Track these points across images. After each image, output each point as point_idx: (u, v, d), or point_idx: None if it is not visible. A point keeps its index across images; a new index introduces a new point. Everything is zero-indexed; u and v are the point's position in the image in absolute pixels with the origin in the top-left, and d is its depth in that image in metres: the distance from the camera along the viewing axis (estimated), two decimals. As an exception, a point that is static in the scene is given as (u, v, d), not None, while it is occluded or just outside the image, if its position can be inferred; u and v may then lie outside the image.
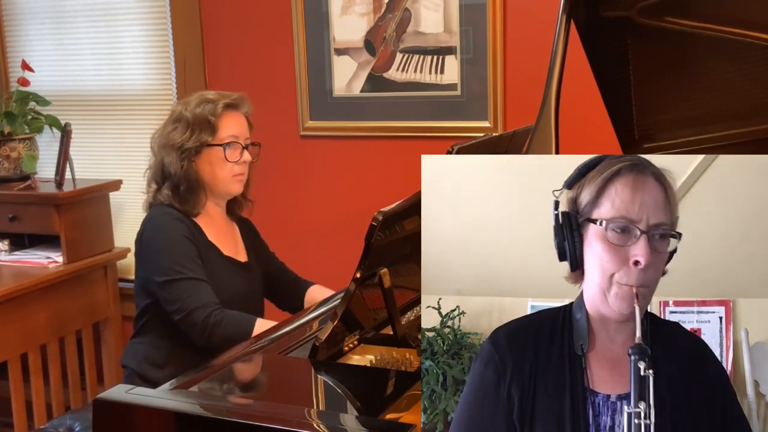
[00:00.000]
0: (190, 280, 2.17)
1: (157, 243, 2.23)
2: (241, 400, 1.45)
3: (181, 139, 2.25)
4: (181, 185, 2.26)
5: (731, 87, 1.75)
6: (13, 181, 3.39)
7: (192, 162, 2.26)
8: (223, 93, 2.35)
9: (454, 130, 2.95)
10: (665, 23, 1.69)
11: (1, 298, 2.94)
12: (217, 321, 2.11)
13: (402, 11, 3.00)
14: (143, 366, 2.27)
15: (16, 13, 3.69)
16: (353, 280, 1.62)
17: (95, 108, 3.63)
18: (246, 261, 2.40)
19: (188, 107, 2.28)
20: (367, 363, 1.69)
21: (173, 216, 2.25)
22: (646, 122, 1.85)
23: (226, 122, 2.28)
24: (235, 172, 2.29)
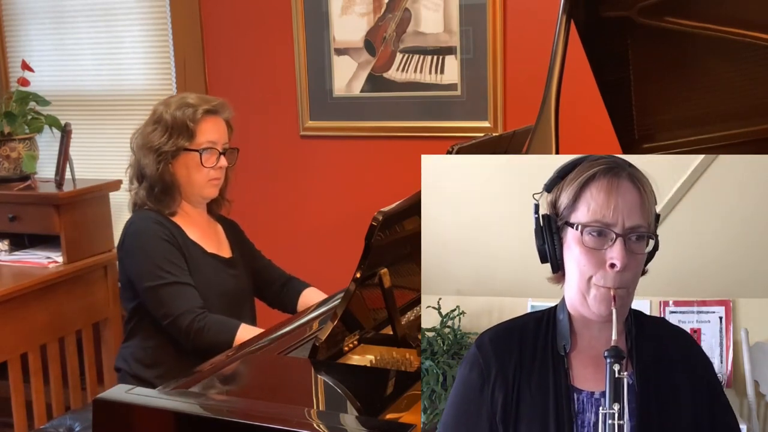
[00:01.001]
0: (173, 285, 2.18)
1: (138, 248, 2.23)
2: (241, 400, 1.45)
3: (159, 141, 2.25)
4: (156, 186, 2.27)
5: (731, 87, 1.75)
6: (13, 181, 3.38)
7: (168, 165, 2.27)
8: (204, 97, 2.36)
9: (454, 130, 2.95)
10: (665, 23, 1.69)
11: (1, 298, 2.94)
12: (200, 328, 2.12)
13: (402, 11, 3.00)
14: (134, 366, 2.28)
15: (16, 13, 3.69)
16: (353, 280, 1.62)
17: (95, 108, 3.63)
18: (230, 257, 2.40)
19: (168, 110, 2.28)
20: (367, 363, 1.69)
21: (153, 220, 2.25)
22: (646, 122, 1.85)
23: (205, 128, 2.28)
24: (211, 177, 2.30)
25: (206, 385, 1.50)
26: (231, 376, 1.59)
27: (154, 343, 2.27)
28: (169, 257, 2.21)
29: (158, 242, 2.22)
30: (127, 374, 2.29)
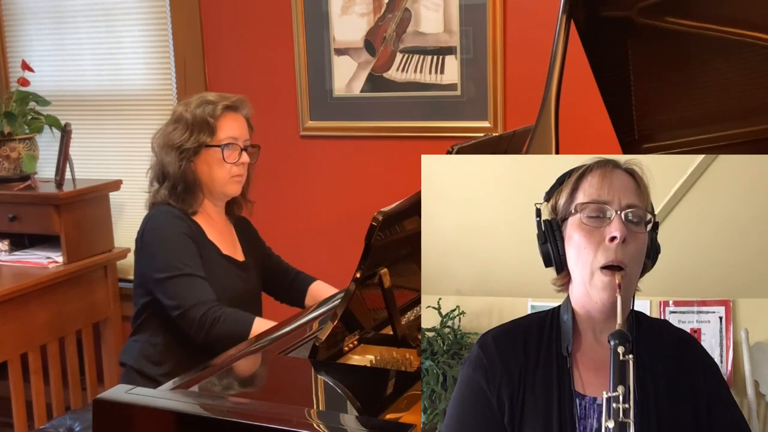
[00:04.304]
0: (188, 276, 2.18)
1: (156, 240, 2.23)
2: (241, 400, 1.45)
3: (180, 139, 2.26)
4: (179, 185, 2.27)
5: (731, 87, 1.75)
6: (13, 181, 3.39)
7: (190, 162, 2.28)
8: (224, 95, 2.36)
9: (454, 130, 2.95)
10: (665, 23, 1.69)
11: (1, 298, 2.94)
12: (215, 318, 2.11)
13: (402, 11, 3.00)
14: (141, 362, 2.28)
15: (16, 13, 3.69)
16: (353, 280, 1.62)
17: (95, 108, 3.63)
18: (243, 260, 2.41)
19: (188, 108, 2.30)
20: (367, 363, 1.69)
21: (173, 214, 2.26)
22: (646, 122, 1.85)
23: (225, 124, 2.29)
24: (233, 173, 2.31)
25: (206, 385, 1.50)
26: (231, 376, 1.59)
27: (162, 340, 2.27)
28: (186, 250, 2.21)
29: (177, 235, 2.22)
30: (133, 370, 2.29)
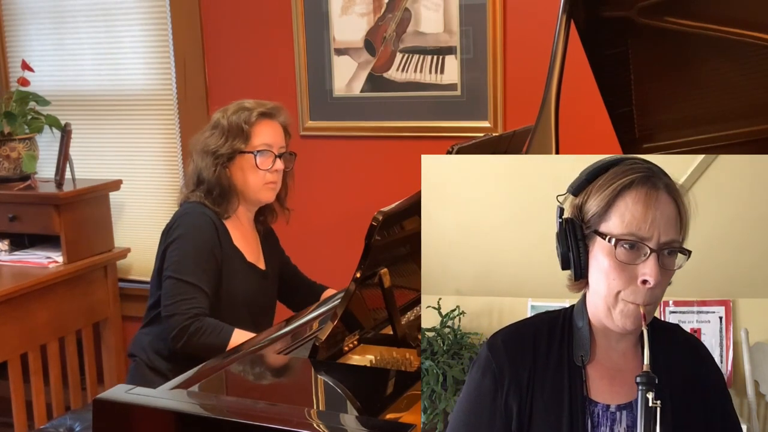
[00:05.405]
0: (191, 285, 2.19)
1: (182, 238, 2.25)
2: (241, 400, 1.45)
3: (216, 145, 2.30)
4: (215, 190, 2.30)
5: (731, 87, 1.75)
6: (13, 181, 3.39)
7: (225, 168, 2.30)
8: (261, 102, 2.39)
9: (454, 130, 2.95)
10: (665, 23, 1.69)
11: (1, 298, 2.94)
12: (196, 329, 2.13)
13: (402, 11, 3.00)
14: (151, 356, 2.30)
15: (16, 13, 3.69)
16: (353, 280, 1.62)
17: (95, 108, 3.63)
18: (264, 270, 2.43)
19: (225, 114, 2.33)
20: (367, 363, 1.69)
21: (206, 219, 2.27)
22: (646, 122, 1.85)
23: (260, 130, 2.32)
24: (267, 180, 2.33)
25: (206, 385, 1.50)
26: (231, 376, 1.59)
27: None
28: (204, 264, 2.23)
29: (201, 243, 2.24)
30: (142, 362, 2.31)
